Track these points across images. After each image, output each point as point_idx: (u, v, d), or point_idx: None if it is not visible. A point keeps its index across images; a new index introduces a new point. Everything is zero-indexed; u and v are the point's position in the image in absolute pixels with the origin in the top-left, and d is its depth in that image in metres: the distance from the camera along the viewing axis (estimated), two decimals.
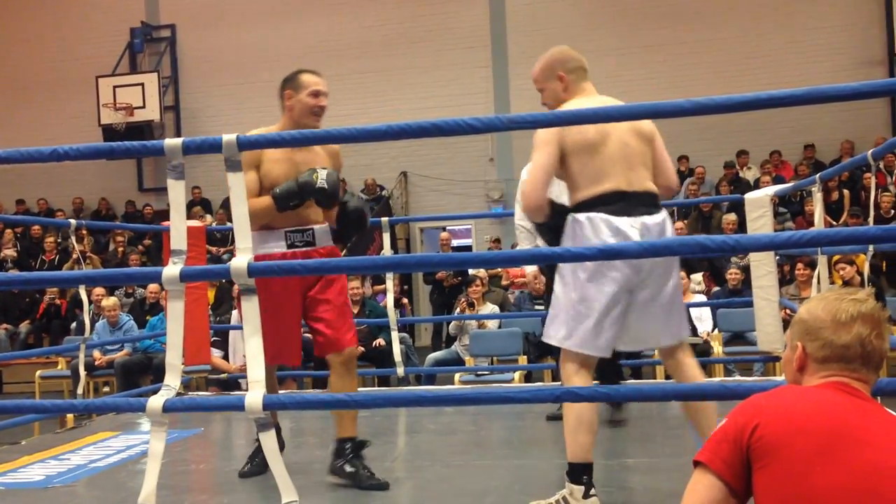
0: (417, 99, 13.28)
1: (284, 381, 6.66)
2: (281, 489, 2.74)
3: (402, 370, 5.63)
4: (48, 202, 14.42)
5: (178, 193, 2.83)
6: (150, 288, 9.21)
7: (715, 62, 12.69)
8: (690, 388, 3.40)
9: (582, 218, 2.77)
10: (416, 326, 11.43)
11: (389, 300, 5.67)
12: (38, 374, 8.51)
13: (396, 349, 5.59)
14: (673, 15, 12.99)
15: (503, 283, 9.58)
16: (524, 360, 6.98)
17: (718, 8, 12.88)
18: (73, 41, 14.69)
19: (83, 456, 4.05)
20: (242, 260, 2.73)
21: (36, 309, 11.22)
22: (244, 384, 6.18)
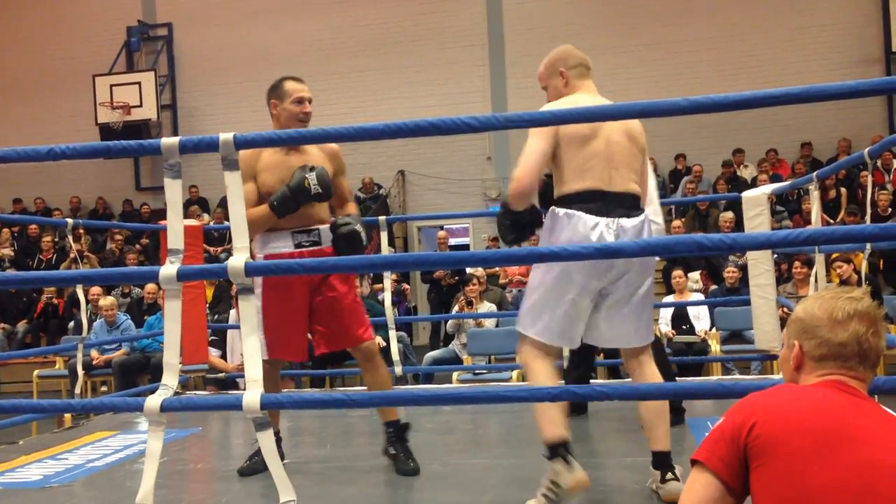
0: (415, 97, 13.29)
1: (282, 379, 6.65)
2: (279, 489, 2.73)
3: (400, 369, 5.62)
4: (45, 201, 14.41)
5: (174, 192, 2.82)
6: (147, 288, 9.21)
7: (712, 61, 12.70)
8: (689, 387, 3.40)
9: (560, 213, 2.81)
10: (414, 325, 11.44)
11: (387, 299, 5.67)
12: (35, 373, 8.51)
13: (394, 348, 5.59)
14: (670, 13, 13.00)
15: (501, 281, 9.59)
16: None
17: (716, 6, 12.89)
18: (69, 40, 14.68)
19: (81, 455, 4.05)
20: (240, 259, 2.72)
21: (33, 308, 11.21)
22: (242, 383, 6.17)
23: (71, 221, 5.47)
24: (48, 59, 14.69)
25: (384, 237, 5.59)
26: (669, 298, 7.82)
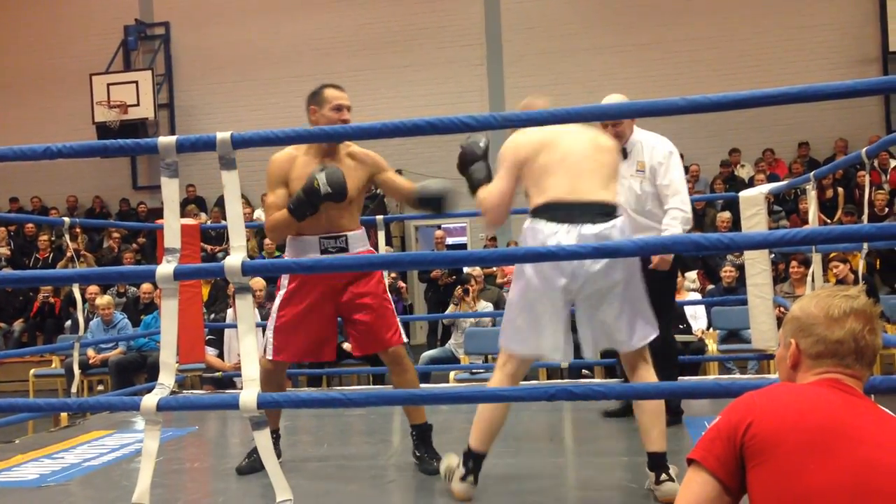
0: (412, 97, 13.28)
1: None
2: (275, 488, 2.73)
3: None
4: (42, 200, 14.39)
5: (171, 191, 2.82)
6: (142, 288, 9.20)
7: (710, 60, 12.71)
8: (686, 386, 3.40)
9: (525, 225, 2.91)
10: (411, 325, 11.43)
11: None
12: (32, 372, 8.50)
13: None
14: (668, 14, 13.00)
15: (498, 281, 9.59)
16: None
17: (713, 6, 12.90)
18: (67, 39, 14.66)
19: (77, 455, 4.04)
20: (237, 258, 2.72)
21: (30, 307, 11.20)
22: (239, 382, 6.17)
23: (68, 220, 5.46)
24: (45, 57, 14.66)
25: (381, 236, 5.60)
26: None
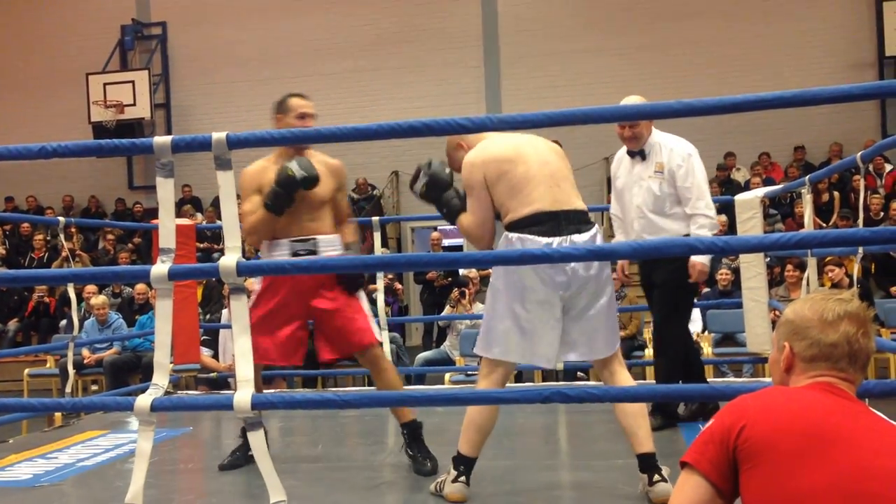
0: (409, 98, 13.28)
1: (274, 380, 6.64)
2: (269, 489, 2.73)
3: None
4: (37, 199, 14.36)
5: (167, 191, 2.81)
6: (137, 288, 9.18)
7: (706, 64, 12.73)
8: (680, 389, 3.40)
9: (514, 237, 2.87)
10: (406, 326, 11.43)
11: (380, 300, 5.67)
12: (26, 372, 8.47)
13: (387, 349, 5.57)
14: (665, 17, 13.02)
15: None
16: None
17: (710, 10, 12.92)
18: (63, 38, 14.63)
19: (71, 455, 4.03)
20: (231, 258, 2.72)
21: (25, 307, 11.17)
22: (233, 383, 6.16)
23: (63, 220, 5.45)
24: (42, 57, 14.64)
25: (377, 238, 5.60)
26: None
